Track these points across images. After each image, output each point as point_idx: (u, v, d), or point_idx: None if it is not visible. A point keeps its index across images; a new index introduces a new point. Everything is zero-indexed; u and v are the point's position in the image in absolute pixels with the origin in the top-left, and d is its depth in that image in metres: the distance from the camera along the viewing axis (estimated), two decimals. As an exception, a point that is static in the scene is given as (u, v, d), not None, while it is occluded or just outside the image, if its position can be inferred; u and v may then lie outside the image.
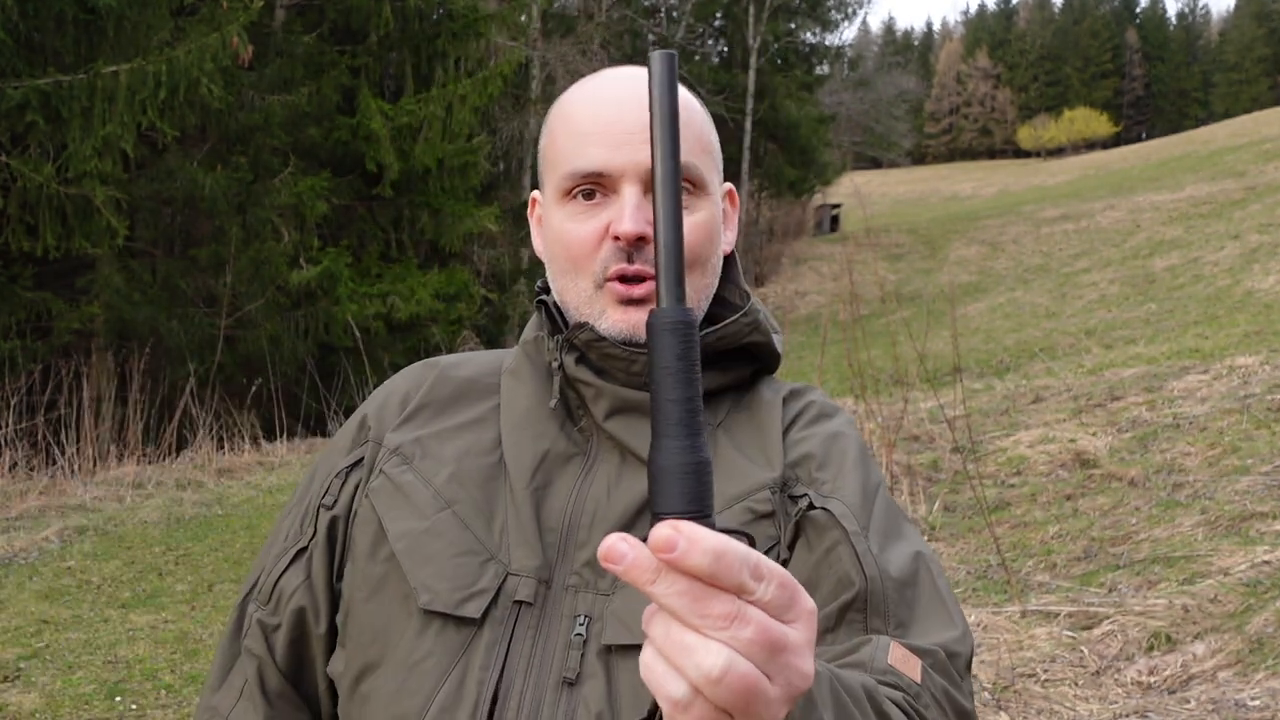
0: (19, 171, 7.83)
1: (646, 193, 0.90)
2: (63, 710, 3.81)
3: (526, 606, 0.86)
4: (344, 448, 1.01)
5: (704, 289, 0.95)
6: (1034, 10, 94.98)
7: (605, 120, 0.92)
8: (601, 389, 0.91)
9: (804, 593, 0.52)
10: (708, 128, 0.98)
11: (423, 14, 11.83)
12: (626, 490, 0.89)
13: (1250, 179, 21.35)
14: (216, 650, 1.01)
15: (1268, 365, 7.14)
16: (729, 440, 0.95)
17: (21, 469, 7.65)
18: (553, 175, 0.95)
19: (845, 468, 0.93)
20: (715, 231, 0.95)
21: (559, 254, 0.94)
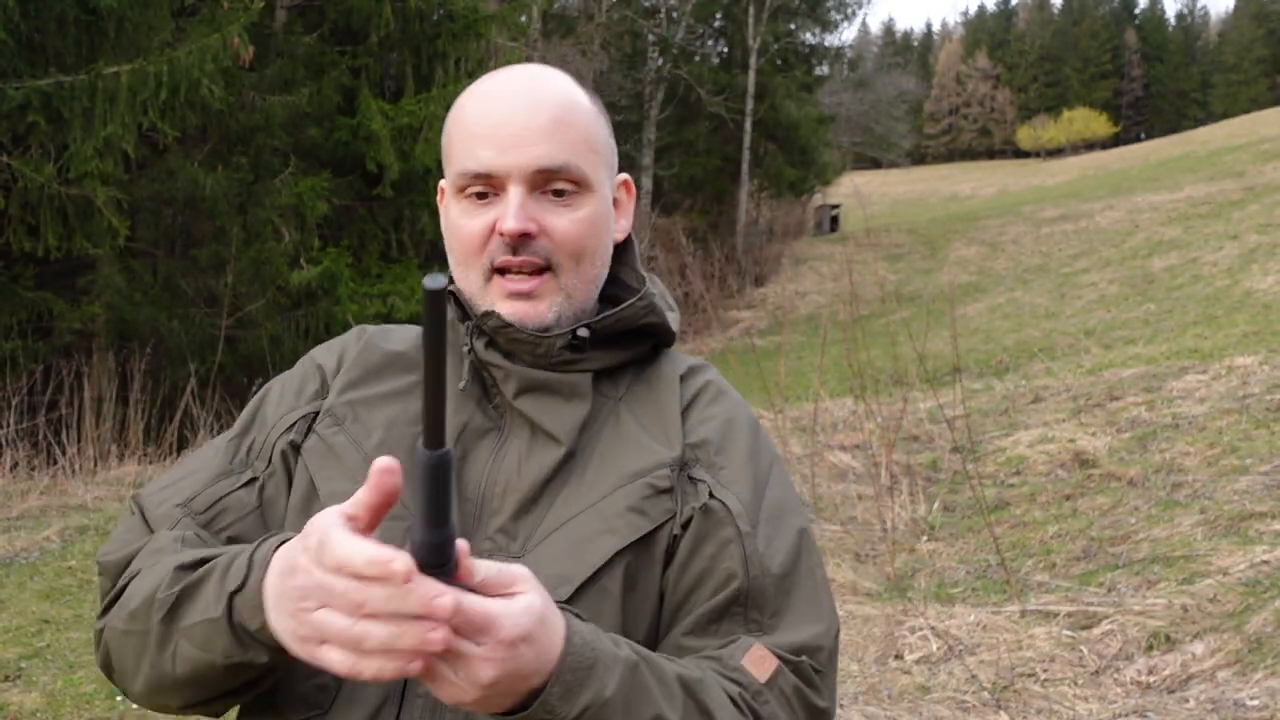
0: (20, 172, 7.84)
1: (533, 190, 0.98)
2: (64, 710, 3.82)
3: None
4: (305, 392, 1.05)
5: (592, 279, 1.03)
6: (1033, 11, 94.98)
7: (493, 122, 0.98)
8: (510, 370, 0.98)
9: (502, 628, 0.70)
10: (595, 126, 1.02)
11: (423, 14, 11.83)
12: (535, 464, 0.96)
13: (1249, 179, 21.36)
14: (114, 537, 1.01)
15: (1266, 365, 7.15)
16: (631, 415, 1.02)
17: (23, 469, 7.65)
18: (449, 171, 1.02)
19: (740, 457, 1.01)
20: (600, 225, 1.02)
21: (454, 247, 1.01)
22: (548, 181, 0.97)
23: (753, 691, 0.89)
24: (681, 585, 0.95)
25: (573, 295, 1.00)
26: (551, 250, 0.98)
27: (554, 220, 0.97)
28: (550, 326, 0.98)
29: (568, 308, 1.00)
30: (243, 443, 1.03)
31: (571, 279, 1.00)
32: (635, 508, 0.94)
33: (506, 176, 0.96)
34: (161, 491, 1.01)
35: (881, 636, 4.17)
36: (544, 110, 0.98)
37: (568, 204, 0.99)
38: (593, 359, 1.01)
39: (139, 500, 1.01)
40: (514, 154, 0.96)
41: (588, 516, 0.94)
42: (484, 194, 0.98)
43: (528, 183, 0.97)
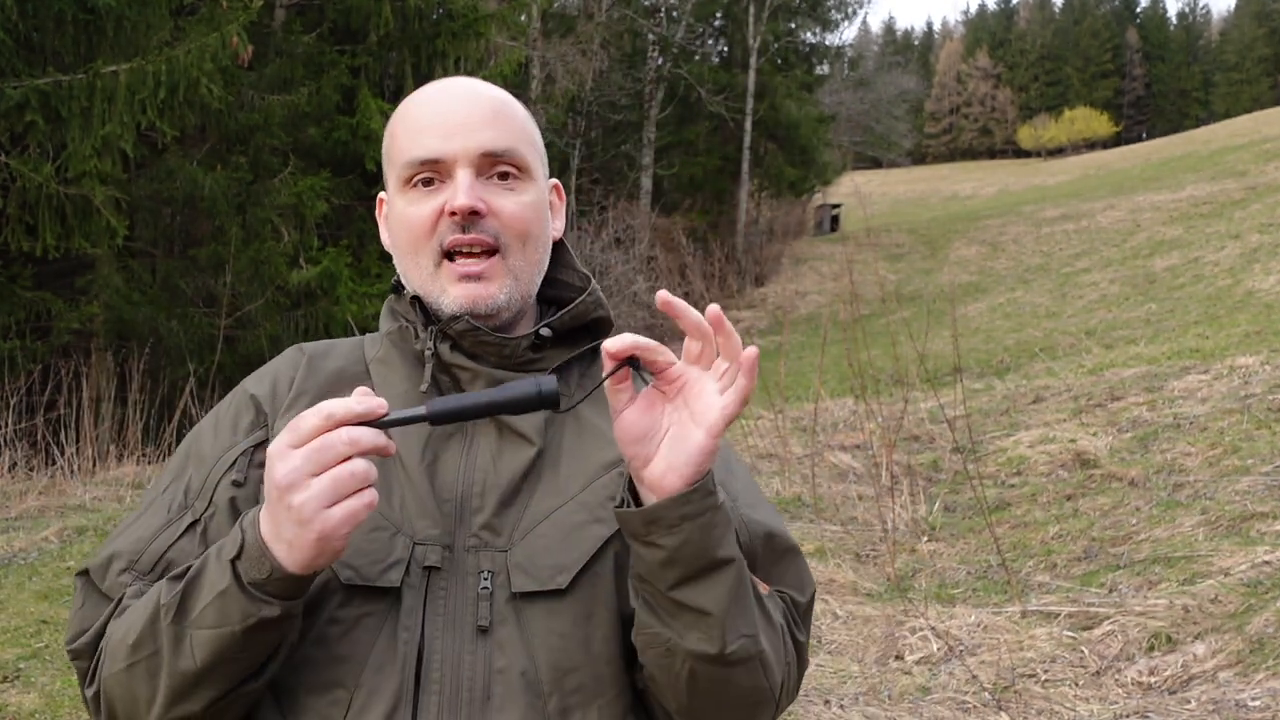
0: (18, 171, 7.83)
1: (479, 175, 1.02)
2: (62, 710, 3.81)
3: (435, 570, 0.95)
4: (240, 427, 1.05)
5: (536, 264, 1.07)
6: (1034, 10, 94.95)
7: (437, 113, 1.03)
8: (478, 371, 1.02)
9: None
10: (530, 124, 1.09)
11: (423, 14, 11.81)
12: (509, 460, 1.00)
13: (1251, 179, 21.34)
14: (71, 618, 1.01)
15: (1268, 365, 7.13)
16: (587, 409, 1.06)
17: (21, 469, 7.64)
18: (394, 168, 1.06)
19: None
20: (542, 211, 1.07)
21: (402, 237, 1.05)
22: (493, 165, 1.02)
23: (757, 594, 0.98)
24: None
25: (519, 278, 1.04)
26: (499, 230, 1.02)
27: (501, 201, 1.02)
28: (501, 308, 1.02)
29: (515, 290, 1.04)
30: (178, 487, 1.03)
31: (519, 260, 1.04)
32: (615, 496, 0.98)
33: (454, 161, 1.01)
34: (107, 563, 1.00)
35: (882, 637, 4.15)
36: (484, 102, 1.05)
37: (512, 188, 1.03)
38: (549, 357, 1.06)
39: (89, 574, 1.01)
40: (460, 139, 1.01)
41: (572, 508, 0.99)
42: (430, 180, 1.02)
43: (474, 166, 1.01)
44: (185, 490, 1.02)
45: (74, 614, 1.01)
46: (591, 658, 0.95)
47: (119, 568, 0.99)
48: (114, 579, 0.99)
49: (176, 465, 1.06)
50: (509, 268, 1.03)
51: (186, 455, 1.06)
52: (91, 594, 1.00)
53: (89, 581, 1.01)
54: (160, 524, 1.01)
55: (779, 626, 0.99)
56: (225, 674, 0.89)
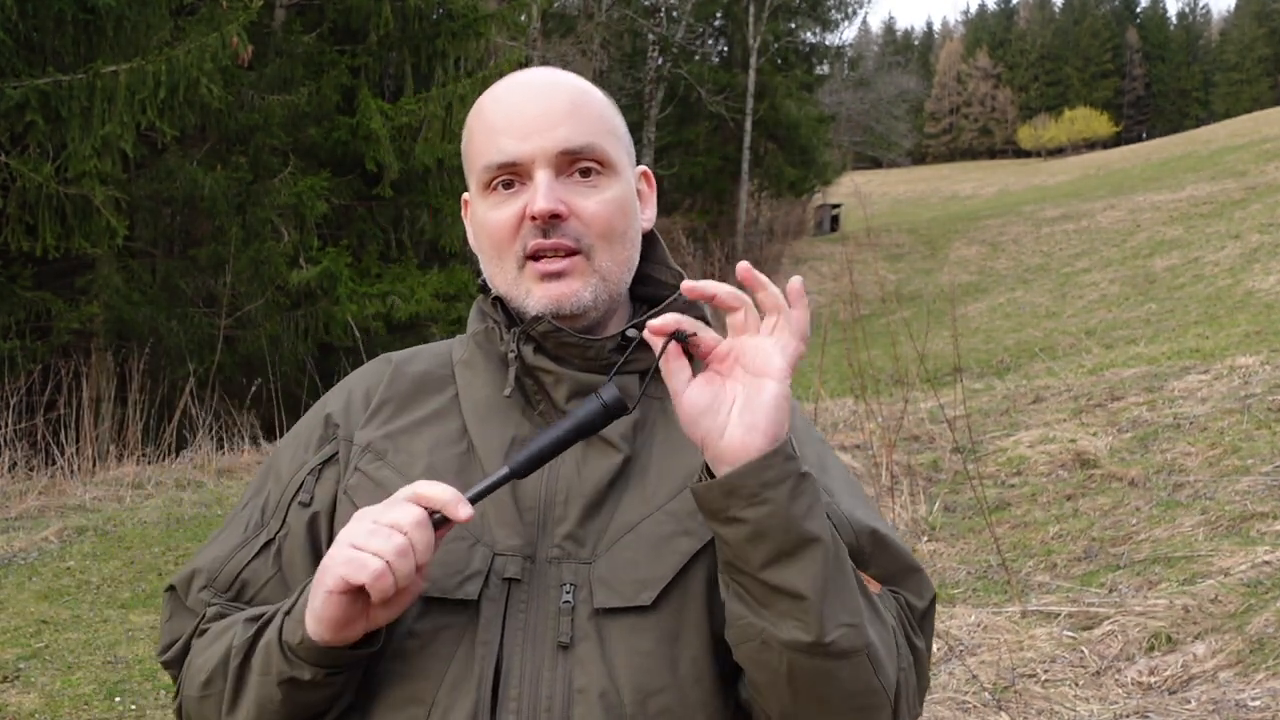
0: (18, 171, 7.82)
1: (559, 174, 0.98)
2: (62, 710, 3.81)
3: (516, 583, 0.92)
4: (311, 444, 1.05)
5: (625, 261, 1.02)
6: (1034, 10, 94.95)
7: (512, 113, 0.99)
8: (561, 375, 0.98)
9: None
10: (610, 112, 1.04)
11: (423, 14, 11.81)
12: (595, 468, 0.96)
13: (1251, 179, 21.34)
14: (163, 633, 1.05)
15: (1268, 365, 7.13)
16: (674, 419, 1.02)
17: (21, 469, 7.64)
18: (474, 172, 1.02)
19: (798, 438, 0.98)
20: (628, 206, 1.02)
21: (485, 242, 1.01)
22: (573, 163, 0.98)
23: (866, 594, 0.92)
24: None
25: (607, 277, 0.99)
26: (582, 232, 0.98)
27: (582, 201, 0.98)
28: (588, 308, 0.98)
29: (603, 289, 0.99)
30: (256, 505, 1.04)
31: (605, 260, 0.99)
32: None
33: (532, 162, 0.97)
34: (189, 579, 1.03)
35: (881, 637, 4.14)
36: (561, 96, 1.00)
37: (594, 185, 0.99)
38: (639, 360, 1.00)
39: (174, 587, 1.04)
40: (536, 139, 0.97)
41: (659, 519, 0.94)
42: (510, 183, 0.99)
43: (553, 166, 0.97)
44: (262, 509, 1.03)
45: (163, 625, 1.05)
46: (678, 679, 0.90)
47: (199, 584, 1.02)
48: (195, 596, 1.01)
49: (258, 482, 1.07)
50: (595, 267, 0.99)
51: (267, 472, 1.07)
52: (179, 609, 1.03)
53: (175, 597, 1.04)
54: (237, 543, 1.02)
55: (890, 626, 0.93)
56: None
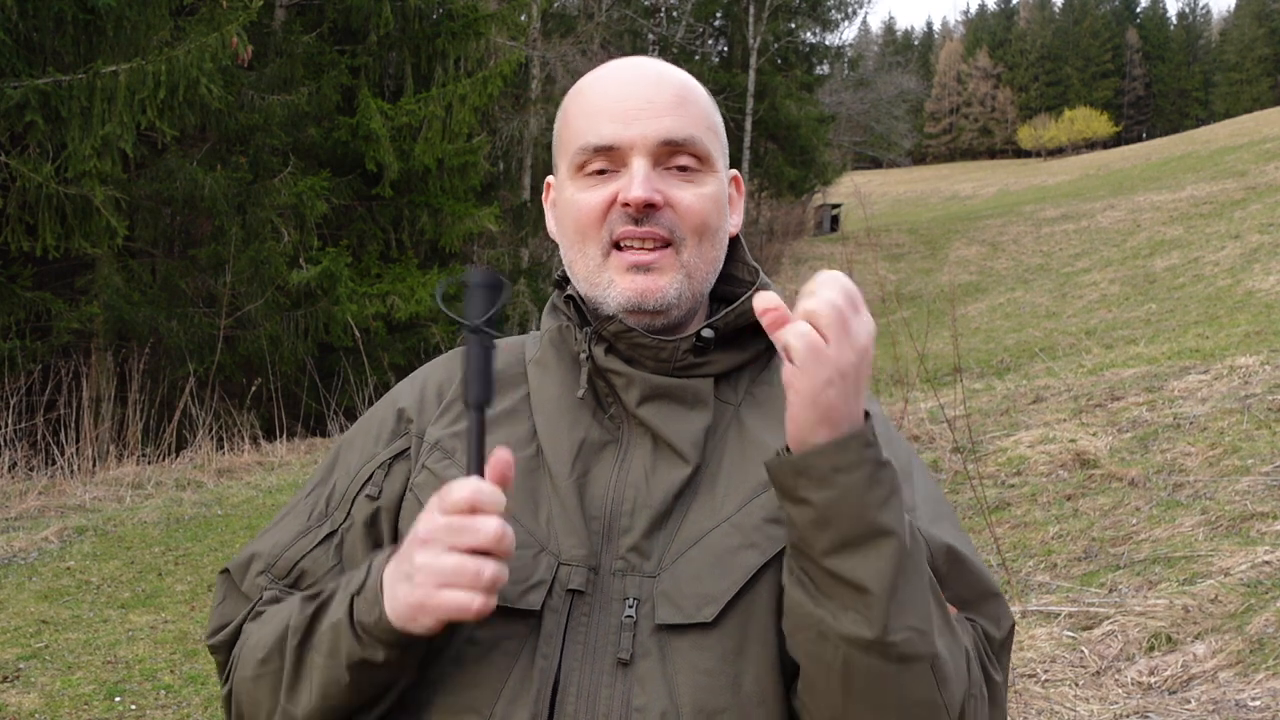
0: (18, 171, 7.82)
1: (656, 165, 0.95)
2: (62, 710, 3.81)
3: (579, 595, 0.89)
4: (382, 437, 1.02)
5: (712, 261, 0.99)
6: (1034, 10, 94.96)
7: (615, 97, 0.96)
8: (632, 377, 0.95)
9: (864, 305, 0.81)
10: (713, 110, 1.02)
11: (422, 14, 11.82)
12: (663, 478, 0.92)
13: (1251, 179, 21.34)
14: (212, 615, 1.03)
15: (1268, 365, 7.13)
16: (754, 420, 0.97)
17: (21, 469, 7.64)
18: (566, 153, 0.99)
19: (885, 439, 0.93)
20: (722, 205, 1.00)
21: (569, 225, 0.98)
22: (672, 155, 0.96)
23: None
24: None
25: (693, 275, 0.97)
26: (675, 223, 0.95)
27: (679, 193, 0.95)
28: (671, 305, 0.95)
29: (688, 287, 0.96)
30: (321, 494, 1.02)
31: (693, 256, 0.96)
32: (773, 518, 0.90)
33: (630, 148, 0.95)
34: (247, 563, 1.01)
35: (881, 637, 4.14)
36: (668, 86, 0.97)
37: (691, 179, 0.97)
38: (714, 362, 0.97)
39: (230, 571, 1.02)
40: (639, 125, 0.95)
41: (724, 531, 0.90)
42: (604, 170, 0.96)
43: (652, 155, 0.95)
44: (327, 499, 1.01)
45: (214, 610, 1.02)
46: (740, 699, 0.86)
47: (257, 569, 1.00)
48: (252, 580, 1.00)
49: (324, 469, 1.04)
50: (682, 262, 0.96)
51: (334, 460, 1.04)
52: (232, 592, 1.01)
53: (230, 580, 1.02)
54: (299, 530, 1.00)
55: (964, 647, 0.87)
56: (334, 703, 0.89)
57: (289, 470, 8.55)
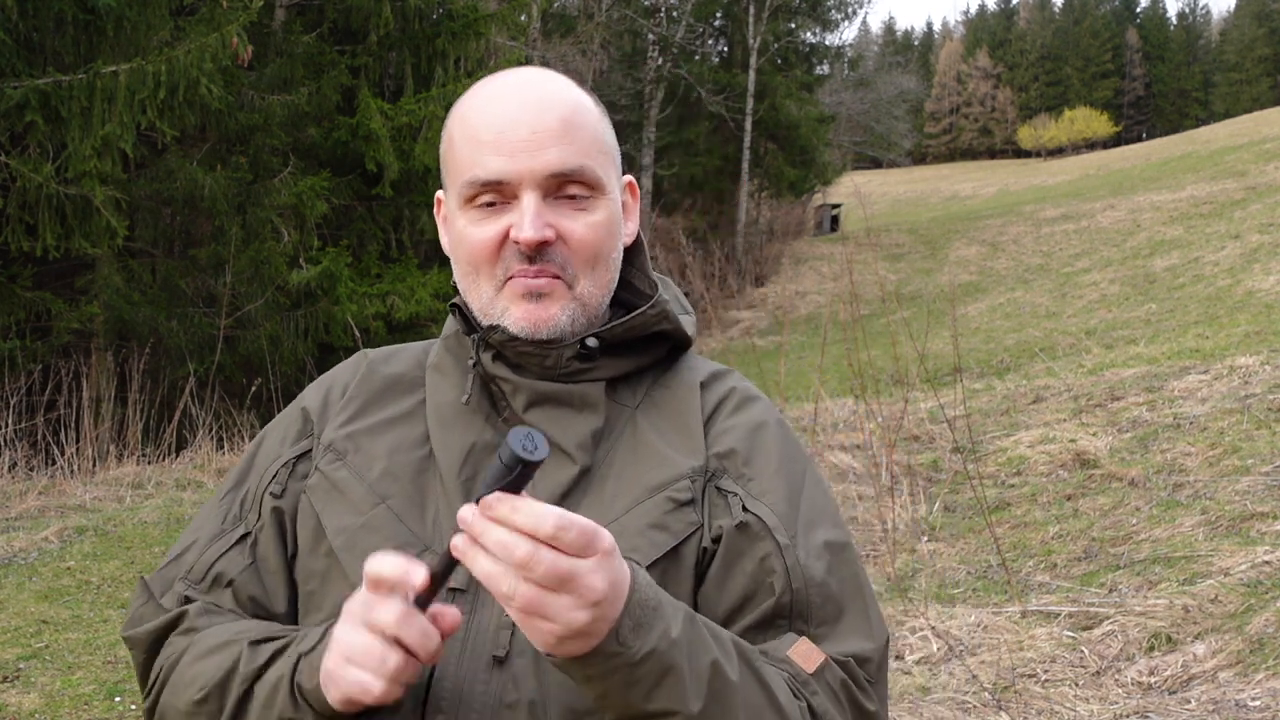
0: (18, 171, 7.83)
1: (546, 195, 0.94)
2: (62, 710, 3.81)
3: (460, 593, 0.90)
4: (289, 438, 1.04)
5: (605, 284, 0.99)
6: (1034, 10, 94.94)
7: (499, 127, 0.93)
8: (519, 384, 0.97)
9: (602, 535, 0.74)
10: (603, 127, 1.00)
11: (423, 14, 11.81)
12: (550, 480, 0.93)
13: (1251, 179, 21.34)
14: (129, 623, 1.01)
15: (1268, 365, 7.13)
16: (649, 424, 0.98)
17: (21, 469, 7.64)
18: (453, 183, 0.97)
19: (771, 465, 0.97)
20: (614, 228, 0.99)
21: (462, 258, 0.97)
22: (561, 186, 0.94)
23: (801, 680, 0.88)
24: (721, 603, 0.92)
25: (587, 303, 0.97)
26: (567, 258, 0.95)
27: (569, 225, 0.94)
28: (564, 333, 0.95)
29: (580, 315, 0.96)
30: (236, 496, 1.02)
31: (587, 286, 0.96)
32: (657, 524, 0.91)
33: (519, 183, 0.93)
34: (166, 569, 1.01)
35: (881, 637, 4.14)
36: (553, 112, 0.94)
37: (582, 208, 0.95)
38: (604, 367, 0.98)
39: (148, 583, 1.02)
40: (525, 159, 0.92)
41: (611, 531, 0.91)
42: (493, 202, 0.94)
43: (541, 188, 0.93)
44: (241, 501, 1.01)
45: (133, 609, 1.02)
46: None
47: (176, 575, 1.00)
48: (170, 585, 1.00)
49: (239, 472, 1.05)
50: (575, 294, 0.96)
51: (248, 466, 1.05)
52: (150, 600, 1.01)
53: (146, 587, 1.02)
54: (214, 533, 1.00)
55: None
56: None
57: (289, 470, 8.54)
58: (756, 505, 0.94)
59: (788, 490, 0.96)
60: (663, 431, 0.97)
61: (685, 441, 0.97)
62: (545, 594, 0.72)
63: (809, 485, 0.99)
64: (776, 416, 1.04)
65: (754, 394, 1.05)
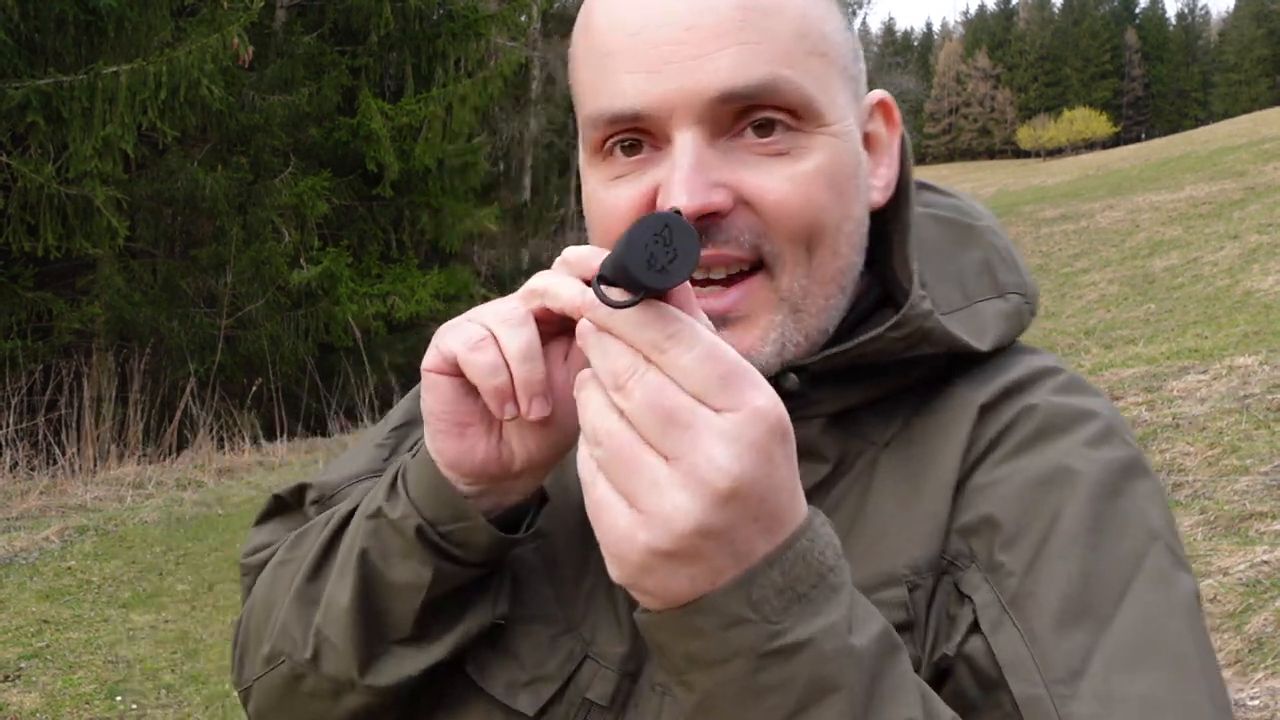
0: (20, 171, 7.84)
1: (718, 136, 0.61)
2: (63, 710, 3.82)
3: (599, 709, 0.62)
4: None
5: (832, 277, 0.63)
6: (1033, 11, 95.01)
7: (636, 26, 0.61)
8: None
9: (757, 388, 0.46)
10: (817, 11, 0.63)
11: (423, 14, 11.83)
12: None
13: (1250, 179, 21.36)
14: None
15: (1267, 365, 7.14)
16: (889, 474, 0.64)
17: (22, 469, 7.65)
18: (581, 119, 0.66)
19: (1055, 553, 0.57)
20: (844, 181, 0.63)
21: (596, 236, 0.66)
22: (741, 116, 0.61)
23: None
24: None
25: (802, 308, 0.62)
26: (762, 232, 0.61)
27: (760, 180, 0.60)
28: (768, 367, 0.62)
29: (795, 333, 0.62)
30: (406, 438, 0.79)
31: (798, 279, 0.62)
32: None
33: (668, 116, 0.60)
34: (302, 490, 0.80)
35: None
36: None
37: (781, 150, 0.61)
38: (826, 399, 0.65)
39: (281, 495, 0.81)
40: (677, 75, 0.59)
41: None
42: (636, 144, 0.63)
43: (706, 123, 0.60)
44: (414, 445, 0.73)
45: (254, 529, 0.81)
46: None
47: (310, 497, 0.78)
48: (304, 505, 0.79)
49: (407, 410, 0.82)
50: (782, 292, 0.62)
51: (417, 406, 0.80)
52: (282, 515, 0.80)
53: (281, 501, 0.81)
54: (362, 471, 0.77)
55: None
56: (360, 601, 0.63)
57: (289, 470, 8.56)
58: (1003, 633, 0.56)
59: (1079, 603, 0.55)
60: (901, 491, 0.63)
61: (924, 509, 0.62)
62: (636, 446, 0.45)
63: (1134, 600, 0.56)
64: (1110, 457, 0.61)
65: (1073, 414, 0.64)
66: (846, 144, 0.64)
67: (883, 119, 0.69)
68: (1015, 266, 0.71)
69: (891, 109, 0.69)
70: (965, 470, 0.63)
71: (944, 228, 0.72)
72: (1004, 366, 0.67)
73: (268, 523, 0.81)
